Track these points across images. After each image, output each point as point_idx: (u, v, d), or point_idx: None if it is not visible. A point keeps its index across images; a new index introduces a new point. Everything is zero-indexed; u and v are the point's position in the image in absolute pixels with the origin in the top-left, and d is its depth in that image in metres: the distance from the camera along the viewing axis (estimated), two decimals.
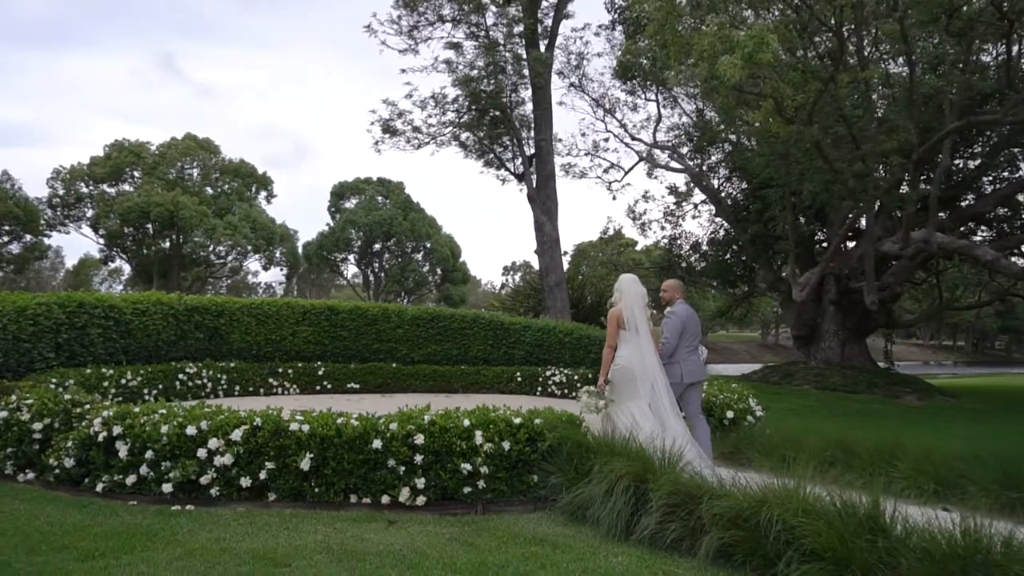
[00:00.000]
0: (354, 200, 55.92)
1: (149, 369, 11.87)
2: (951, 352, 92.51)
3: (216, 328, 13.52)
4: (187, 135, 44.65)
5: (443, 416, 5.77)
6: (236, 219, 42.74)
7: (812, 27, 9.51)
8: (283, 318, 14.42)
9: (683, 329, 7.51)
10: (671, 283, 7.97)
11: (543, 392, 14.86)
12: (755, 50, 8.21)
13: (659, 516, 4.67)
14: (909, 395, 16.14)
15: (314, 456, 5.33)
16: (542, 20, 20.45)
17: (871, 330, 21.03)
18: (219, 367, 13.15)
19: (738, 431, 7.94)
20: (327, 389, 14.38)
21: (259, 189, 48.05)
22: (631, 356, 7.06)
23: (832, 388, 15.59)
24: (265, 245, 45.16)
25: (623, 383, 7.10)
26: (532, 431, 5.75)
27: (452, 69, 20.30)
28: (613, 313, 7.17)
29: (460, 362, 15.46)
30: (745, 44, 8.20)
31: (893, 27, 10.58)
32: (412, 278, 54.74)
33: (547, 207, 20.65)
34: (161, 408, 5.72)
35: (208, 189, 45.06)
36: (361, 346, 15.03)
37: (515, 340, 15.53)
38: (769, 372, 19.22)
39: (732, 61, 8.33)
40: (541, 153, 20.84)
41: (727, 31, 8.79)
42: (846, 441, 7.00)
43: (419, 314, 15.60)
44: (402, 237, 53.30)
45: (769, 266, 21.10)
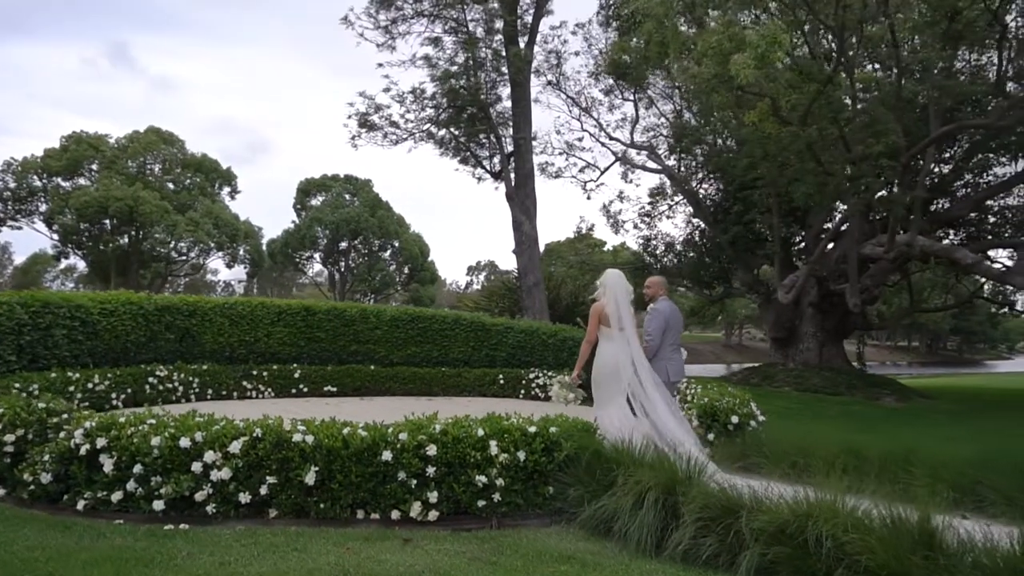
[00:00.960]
0: (321, 197, 54.94)
1: (117, 372, 11.29)
2: (906, 353, 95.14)
3: (187, 329, 12.95)
4: (149, 128, 43.17)
5: (455, 425, 5.46)
6: (198, 215, 41.52)
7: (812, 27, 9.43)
8: (258, 318, 13.89)
9: (667, 326, 7.37)
10: (655, 280, 7.82)
11: (526, 395, 14.61)
12: (768, 50, 8.08)
13: (693, 531, 4.44)
14: (888, 397, 16.31)
15: (319, 469, 4.97)
16: (522, 16, 20.18)
17: (848, 332, 21.29)
18: (191, 370, 12.60)
19: (743, 436, 7.77)
20: (303, 392, 13.92)
21: (222, 185, 46.76)
22: (617, 353, 6.87)
23: (813, 390, 15.67)
24: (228, 242, 43.97)
25: (606, 380, 6.93)
26: (548, 440, 5.48)
27: (431, 65, 19.91)
28: (595, 308, 6.96)
29: (440, 364, 15.13)
30: (758, 44, 8.06)
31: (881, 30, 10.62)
32: (379, 277, 53.97)
33: (525, 206, 20.40)
34: (150, 418, 5.29)
35: (170, 184, 43.66)
36: (338, 348, 14.59)
37: (497, 342, 15.24)
38: (748, 374, 19.29)
39: (744, 60, 8.18)
40: (520, 151, 20.58)
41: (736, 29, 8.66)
42: (856, 447, 6.87)
43: (398, 315, 15.22)
44: (370, 235, 52.51)
45: (747, 268, 21.18)
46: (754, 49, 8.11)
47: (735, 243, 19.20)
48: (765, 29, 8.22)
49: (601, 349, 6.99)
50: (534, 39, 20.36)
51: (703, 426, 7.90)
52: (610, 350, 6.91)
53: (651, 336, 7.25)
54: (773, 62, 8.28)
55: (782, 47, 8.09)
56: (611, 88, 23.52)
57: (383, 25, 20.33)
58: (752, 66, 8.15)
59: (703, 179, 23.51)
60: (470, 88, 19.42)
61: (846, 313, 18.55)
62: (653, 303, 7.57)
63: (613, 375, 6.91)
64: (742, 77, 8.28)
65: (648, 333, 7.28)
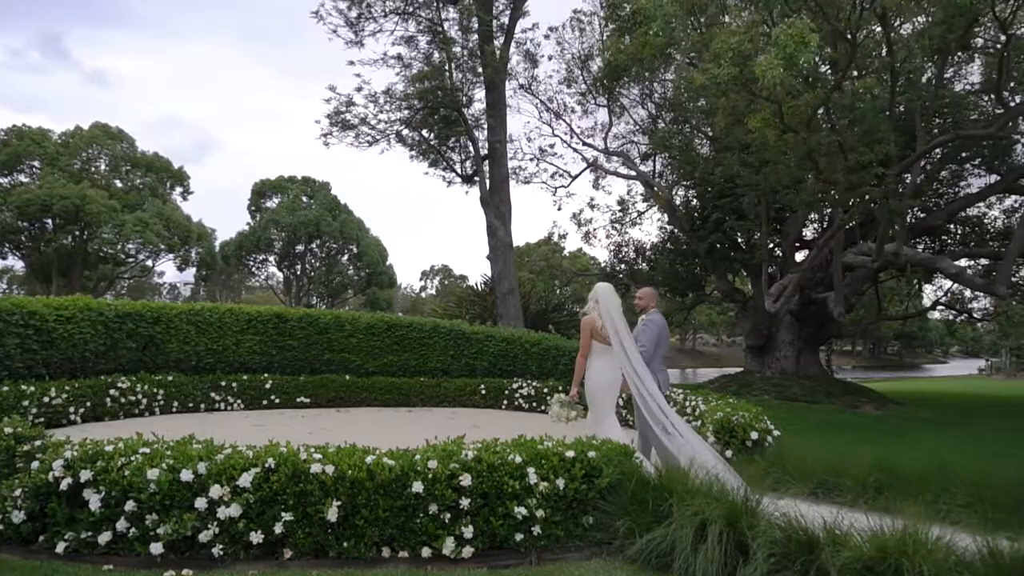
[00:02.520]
0: (276, 199, 53.42)
1: (75, 384, 10.43)
2: (850, 357, 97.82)
3: (151, 337, 12.09)
4: (95, 124, 41.11)
5: (488, 450, 4.96)
6: (148, 215, 39.70)
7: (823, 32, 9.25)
8: (226, 326, 13.11)
9: (659, 338, 7.28)
10: (647, 291, 7.66)
11: (510, 405, 14.16)
12: (796, 50, 7.83)
13: (767, 567, 4.04)
14: (866, 404, 16.39)
15: (342, 504, 4.41)
16: (498, 16, 19.74)
17: (825, 340, 21.46)
18: (155, 381, 11.77)
19: (761, 453, 7.46)
20: (275, 404, 13.20)
21: (174, 185, 44.94)
22: (609, 368, 6.68)
23: (793, 398, 15.62)
24: (180, 244, 42.23)
25: (600, 394, 6.74)
26: (588, 466, 5.02)
27: (404, 64, 19.30)
28: (587, 322, 6.78)
29: (419, 374, 14.55)
30: (786, 44, 7.80)
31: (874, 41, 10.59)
32: (337, 280, 52.76)
33: (500, 211, 19.94)
34: (142, 446, 4.64)
35: (117, 182, 41.68)
36: (311, 356, 13.90)
37: (477, 350, 14.74)
38: (727, 382, 19.20)
39: (771, 61, 7.92)
40: (495, 155, 20.12)
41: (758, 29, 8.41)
42: (887, 464, 6.61)
43: (374, 322, 14.58)
44: (330, 238, 51.28)
45: (724, 276, 21.14)
46: (781, 49, 7.87)
47: (711, 251, 19.13)
48: (793, 29, 7.99)
49: (594, 363, 6.82)
50: (510, 40, 19.95)
51: (720, 443, 7.57)
52: (604, 364, 6.75)
53: (645, 348, 7.11)
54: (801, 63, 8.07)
55: (809, 47, 7.87)
56: (585, 92, 23.31)
57: (353, 21, 19.65)
58: (779, 67, 7.91)
59: (674, 184, 23.44)
60: (445, 89, 18.88)
61: (823, 321, 18.65)
62: (645, 314, 7.46)
63: (609, 389, 6.78)
64: (768, 78, 8.03)
65: (642, 344, 7.13)
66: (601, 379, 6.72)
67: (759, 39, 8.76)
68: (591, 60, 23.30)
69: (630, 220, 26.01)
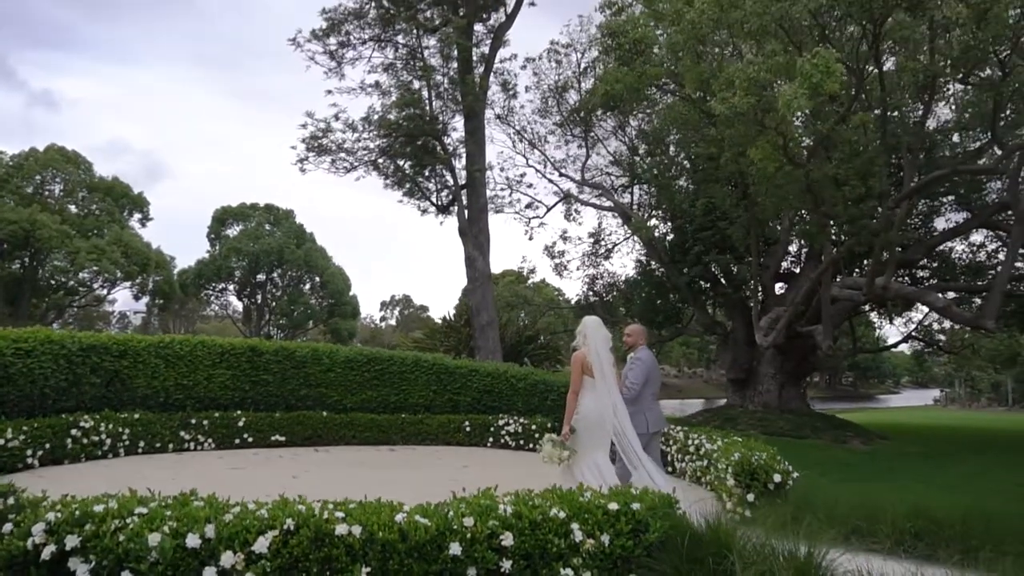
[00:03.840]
0: (238, 226, 52.17)
1: (34, 424, 9.59)
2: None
3: (117, 371, 11.30)
4: (51, 146, 39.59)
5: (525, 504, 4.50)
6: (105, 242, 38.18)
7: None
8: (197, 359, 12.37)
9: (648, 376, 7.10)
10: (635, 328, 7.52)
11: (495, 443, 13.64)
12: (823, 79, 7.73)
13: None
14: (853, 439, 16.30)
15: (372, 570, 3.90)
16: (478, 45, 19.61)
17: (807, 373, 21.46)
18: (120, 419, 10.95)
19: (784, 496, 7.12)
20: (248, 443, 12.45)
21: (133, 210, 43.45)
22: (596, 404, 6.49)
23: (780, 433, 15.42)
24: (138, 272, 40.67)
25: (586, 432, 6.50)
26: (634, 520, 4.60)
27: (383, 92, 18.97)
28: (577, 357, 6.63)
29: (399, 410, 13.97)
30: (811, 73, 7.68)
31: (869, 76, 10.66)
32: (301, 311, 51.55)
33: (479, 242, 19.58)
34: (137, 506, 4.05)
35: (72, 207, 40.09)
36: (287, 392, 13.21)
37: (461, 385, 14.22)
38: (710, 416, 18.96)
39: (796, 91, 7.79)
40: (474, 184, 19.82)
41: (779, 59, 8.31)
42: (925, 508, 6.32)
43: (353, 355, 13.99)
44: (292, 267, 50.17)
45: (704, 309, 21.06)
46: (807, 79, 7.76)
47: (693, 284, 19.04)
48: (818, 59, 7.90)
49: (584, 399, 6.59)
50: (490, 69, 19.80)
51: (741, 486, 7.21)
52: (592, 401, 6.53)
53: (634, 385, 6.96)
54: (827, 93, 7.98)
55: (834, 77, 7.79)
56: (562, 123, 23.29)
57: (332, 49, 19.32)
58: (804, 96, 7.79)
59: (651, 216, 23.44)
60: (424, 117, 18.57)
61: (805, 354, 18.64)
62: (633, 352, 7.33)
63: (596, 426, 6.51)
64: (794, 108, 7.90)
65: (631, 382, 6.98)
66: (588, 415, 6.50)
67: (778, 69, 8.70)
68: (568, 91, 23.38)
69: (604, 251, 25.93)
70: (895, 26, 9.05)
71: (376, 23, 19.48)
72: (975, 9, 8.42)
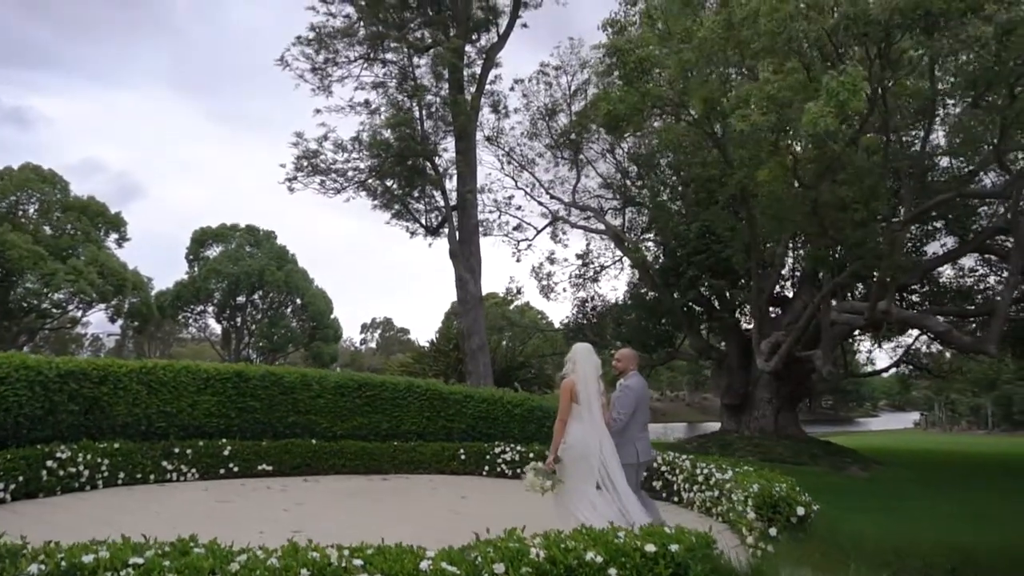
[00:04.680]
0: (217, 248, 51.36)
1: (7, 456, 9.00)
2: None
3: (96, 399, 10.74)
4: (26, 165, 38.74)
5: (558, 547, 4.13)
6: (82, 263, 37.26)
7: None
8: (181, 385, 11.83)
9: (637, 405, 6.82)
10: (626, 353, 7.25)
11: (491, 471, 13.19)
12: (849, 97, 7.58)
13: None
14: (851, 466, 16.07)
15: None
16: (469, 66, 19.46)
17: (803, 398, 21.31)
18: (99, 449, 10.37)
19: (806, 530, 6.81)
20: (234, 472, 11.89)
21: (109, 231, 42.56)
22: (584, 434, 6.33)
23: (779, 460, 15.12)
24: (114, 293, 39.71)
25: (573, 464, 6.31)
26: (673, 563, 4.24)
27: (371, 111, 18.71)
28: (566, 385, 6.47)
29: (391, 437, 13.49)
30: (838, 91, 7.53)
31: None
32: (282, 334, 50.70)
33: (470, 264, 19.26)
34: (132, 555, 3.62)
35: (47, 228, 39.13)
36: (275, 419, 12.69)
37: (455, 412, 13.80)
38: (705, 442, 18.64)
39: (822, 109, 7.63)
40: (465, 205, 19.54)
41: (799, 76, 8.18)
42: (954, 543, 6.05)
43: (344, 381, 13.53)
44: (273, 289, 49.40)
45: (697, 333, 20.87)
46: (833, 97, 7.62)
47: (687, 308, 18.84)
48: (844, 76, 7.77)
49: (572, 428, 6.40)
50: (482, 89, 19.65)
51: (762, 519, 6.87)
52: (579, 431, 6.36)
53: (622, 414, 6.69)
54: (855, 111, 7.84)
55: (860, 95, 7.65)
56: (552, 146, 23.19)
57: (320, 66, 19.06)
58: (830, 115, 7.62)
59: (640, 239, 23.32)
60: (415, 137, 18.32)
61: (802, 379, 18.48)
62: (623, 379, 7.02)
63: (581, 458, 6.32)
64: (820, 126, 7.73)
65: (619, 411, 6.71)
66: (574, 446, 6.32)
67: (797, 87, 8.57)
68: (557, 114, 23.32)
69: (592, 274, 25.74)
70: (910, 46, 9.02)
71: (365, 41, 19.28)
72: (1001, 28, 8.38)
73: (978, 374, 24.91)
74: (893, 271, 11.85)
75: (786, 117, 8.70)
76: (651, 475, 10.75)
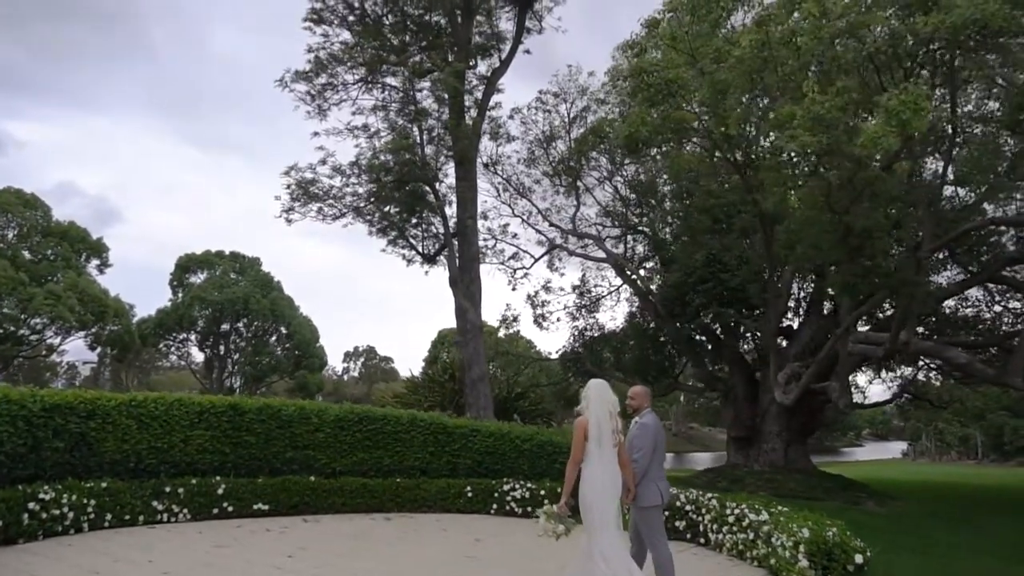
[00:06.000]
0: (202, 274, 50.42)
1: None
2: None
3: (83, 434, 10.07)
4: (6, 188, 37.87)
5: None
6: (61, 288, 36.21)
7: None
8: (174, 419, 11.17)
9: (656, 444, 6.51)
10: (639, 390, 6.95)
11: (500, 510, 12.57)
12: (912, 117, 7.26)
13: None
14: (867, 500, 15.59)
15: None
16: (471, 91, 19.18)
17: (813, 431, 20.87)
18: (85, 489, 9.66)
19: None
20: (228, 512, 11.21)
21: (91, 256, 41.55)
22: (597, 475, 6.03)
23: (792, 495, 14.55)
24: (94, 320, 38.60)
25: (587, 507, 6.00)
26: None
27: (370, 135, 18.33)
28: (579, 423, 6.16)
29: (393, 473, 12.87)
30: (899, 110, 7.22)
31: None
32: (267, 363, 49.63)
33: (470, 292, 18.76)
34: None
35: (26, 252, 38.05)
36: (271, 455, 12.04)
37: (460, 447, 13.20)
38: (714, 477, 18.07)
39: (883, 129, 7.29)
40: (465, 233, 19.09)
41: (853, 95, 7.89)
42: None
43: (344, 415, 12.93)
44: (258, 317, 48.45)
45: (703, 363, 20.44)
46: (895, 116, 7.29)
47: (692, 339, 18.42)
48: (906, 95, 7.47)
49: (588, 469, 6.08)
50: (484, 114, 19.35)
51: (815, 568, 6.36)
52: (596, 471, 6.06)
53: (642, 454, 6.37)
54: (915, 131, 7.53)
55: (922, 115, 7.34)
56: (551, 174, 22.93)
57: (318, 90, 18.70)
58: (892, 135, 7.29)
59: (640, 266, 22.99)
60: (416, 162, 17.92)
61: (814, 411, 18.07)
62: (638, 416, 6.71)
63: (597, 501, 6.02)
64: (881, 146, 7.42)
65: (637, 450, 6.40)
66: (595, 487, 6.01)
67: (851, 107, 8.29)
68: (555, 141, 23.11)
69: (589, 303, 25.33)
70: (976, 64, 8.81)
71: (364, 65, 18.97)
72: None
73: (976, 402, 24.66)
74: (922, 300, 11.55)
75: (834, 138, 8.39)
76: (673, 514, 10.21)
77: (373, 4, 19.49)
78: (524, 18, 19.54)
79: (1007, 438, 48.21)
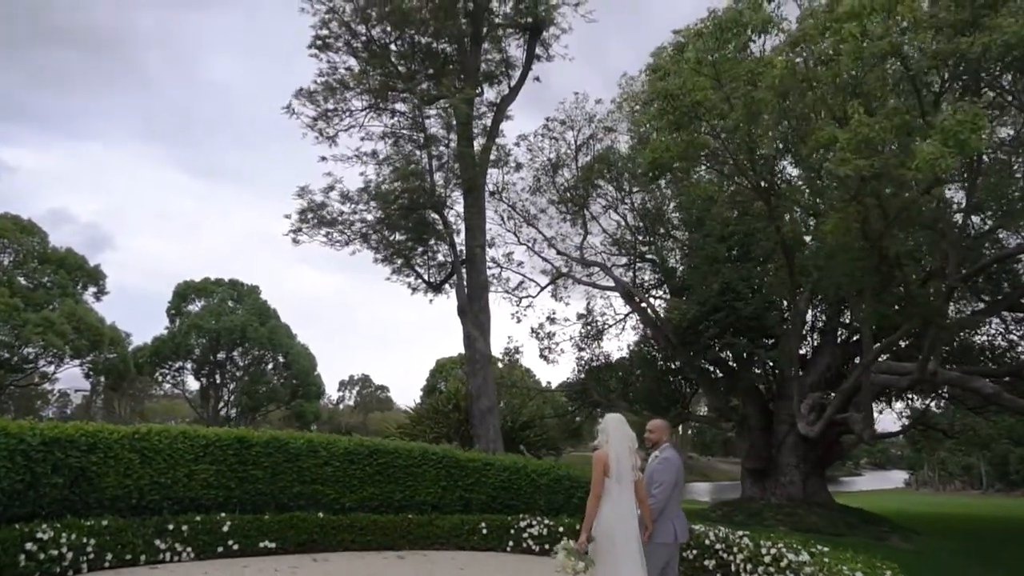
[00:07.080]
0: (200, 302, 49.94)
1: None
2: None
3: (83, 469, 9.60)
4: (4, 215, 37.53)
5: None
6: (56, 315, 35.70)
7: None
8: (178, 453, 10.69)
9: (676, 480, 6.36)
10: (658, 424, 6.78)
11: (517, 547, 12.07)
12: (969, 136, 7.05)
13: None
14: (891, 536, 15.09)
15: None
16: (480, 117, 19.03)
17: (832, 462, 20.43)
18: (85, 528, 9.17)
19: None
20: (233, 551, 10.68)
21: (87, 284, 41.10)
22: (616, 511, 5.87)
23: (814, 530, 14.07)
24: (89, 348, 38.01)
25: (607, 542, 5.83)
26: None
27: (379, 161, 18.10)
28: (598, 457, 6.03)
29: (404, 508, 12.36)
30: (956, 130, 6.99)
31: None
32: (263, 391, 48.95)
33: (479, 321, 18.38)
34: None
35: (22, 279, 37.60)
36: (278, 490, 11.54)
37: (474, 481, 12.73)
38: (730, 510, 17.55)
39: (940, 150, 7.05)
40: (474, 261, 18.77)
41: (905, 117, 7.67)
42: None
43: (353, 448, 12.45)
44: (255, 345, 47.89)
45: (716, 394, 20.04)
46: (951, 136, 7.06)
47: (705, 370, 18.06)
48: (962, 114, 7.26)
49: (606, 505, 5.92)
50: (493, 141, 19.18)
51: None
52: (616, 507, 5.91)
53: (661, 489, 6.21)
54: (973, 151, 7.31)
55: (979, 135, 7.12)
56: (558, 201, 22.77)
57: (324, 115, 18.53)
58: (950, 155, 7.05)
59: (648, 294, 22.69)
60: (425, 189, 17.68)
61: (831, 444, 17.66)
62: (658, 451, 6.53)
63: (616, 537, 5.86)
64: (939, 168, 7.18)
65: (657, 485, 6.25)
66: (612, 523, 5.86)
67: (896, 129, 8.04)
68: (562, 168, 22.99)
69: (595, 332, 24.97)
70: None
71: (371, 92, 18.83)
72: None
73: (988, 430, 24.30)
74: (953, 330, 11.29)
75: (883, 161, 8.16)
76: (702, 553, 9.77)
77: (381, 32, 19.43)
78: (535, 44, 19.48)
79: (1013, 467, 47.65)
